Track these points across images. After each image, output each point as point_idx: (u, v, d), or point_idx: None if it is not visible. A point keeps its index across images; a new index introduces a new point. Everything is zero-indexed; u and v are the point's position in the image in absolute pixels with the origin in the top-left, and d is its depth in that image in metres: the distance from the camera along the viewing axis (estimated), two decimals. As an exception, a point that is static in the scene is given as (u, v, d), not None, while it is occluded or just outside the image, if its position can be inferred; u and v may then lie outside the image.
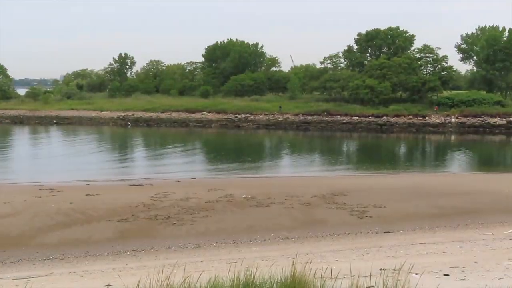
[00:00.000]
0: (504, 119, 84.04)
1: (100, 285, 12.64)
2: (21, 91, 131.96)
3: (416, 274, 10.51)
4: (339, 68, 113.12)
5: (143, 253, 20.31)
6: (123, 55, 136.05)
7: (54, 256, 19.99)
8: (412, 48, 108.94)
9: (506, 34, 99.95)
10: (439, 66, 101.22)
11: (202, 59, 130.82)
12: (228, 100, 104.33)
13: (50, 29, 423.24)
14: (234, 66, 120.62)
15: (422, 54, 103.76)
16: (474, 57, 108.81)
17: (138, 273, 13.17)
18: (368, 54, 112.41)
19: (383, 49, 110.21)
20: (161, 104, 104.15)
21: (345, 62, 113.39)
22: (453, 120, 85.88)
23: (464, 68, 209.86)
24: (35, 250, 20.69)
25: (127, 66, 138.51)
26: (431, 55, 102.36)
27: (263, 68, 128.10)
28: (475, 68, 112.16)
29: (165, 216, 25.28)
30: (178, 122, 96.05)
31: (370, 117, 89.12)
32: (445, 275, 12.15)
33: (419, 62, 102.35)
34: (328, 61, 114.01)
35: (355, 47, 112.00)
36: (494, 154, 64.52)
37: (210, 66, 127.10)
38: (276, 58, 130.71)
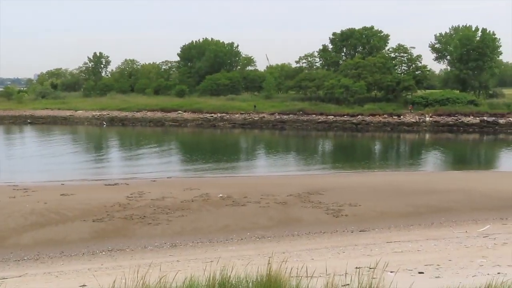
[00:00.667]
0: (477, 118, 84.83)
1: (75, 285, 12.58)
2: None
3: (391, 272, 10.58)
4: (315, 67, 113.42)
5: (118, 253, 20.23)
6: (98, 54, 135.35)
7: (29, 256, 19.84)
8: (386, 48, 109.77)
9: (479, 34, 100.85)
10: (414, 65, 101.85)
11: (178, 58, 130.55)
12: (203, 100, 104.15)
13: (24, 28, 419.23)
14: (209, 66, 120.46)
15: (396, 54, 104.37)
16: (448, 57, 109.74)
17: (113, 273, 13.12)
18: (343, 54, 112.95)
19: (358, 48, 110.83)
20: (136, 104, 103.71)
21: (321, 62, 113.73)
22: (427, 119, 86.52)
23: (438, 67, 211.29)
24: (9, 250, 20.52)
25: (102, 65, 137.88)
26: (406, 55, 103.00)
27: (239, 67, 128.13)
28: (448, 67, 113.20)
29: (140, 216, 25.19)
30: (154, 122, 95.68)
31: (345, 116, 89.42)
32: (419, 272, 12.26)
33: (393, 62, 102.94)
34: (304, 61, 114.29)
35: (330, 46, 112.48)
36: (468, 153, 65.10)
37: (185, 65, 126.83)
38: (252, 58, 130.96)
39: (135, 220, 24.61)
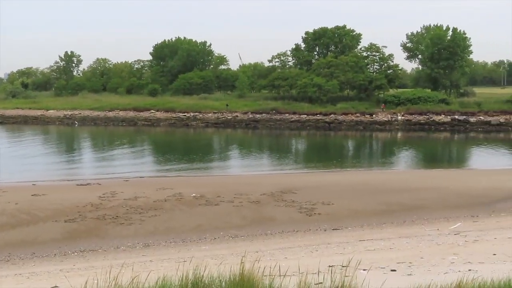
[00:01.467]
0: (448, 117, 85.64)
1: (47, 286, 12.46)
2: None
3: (363, 270, 10.63)
4: (287, 66, 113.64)
5: (91, 253, 20.10)
6: (69, 53, 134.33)
7: (-1, 258, 19.62)
8: (359, 47, 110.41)
9: (450, 33, 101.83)
10: (386, 64, 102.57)
11: (150, 57, 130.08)
12: (176, 99, 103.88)
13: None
14: (182, 65, 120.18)
15: (368, 53, 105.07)
16: (419, 56, 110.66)
17: (85, 274, 13.02)
18: (315, 53, 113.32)
19: (331, 47, 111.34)
20: (108, 103, 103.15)
21: (293, 61, 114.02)
22: (399, 117, 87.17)
23: (409, 66, 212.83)
24: (-21, 252, 20.26)
25: (74, 65, 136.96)
26: (378, 54, 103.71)
27: (212, 66, 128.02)
28: (420, 66, 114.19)
29: (113, 216, 25.04)
30: (126, 121, 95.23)
31: (318, 115, 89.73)
32: (392, 270, 12.34)
33: (366, 61, 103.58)
34: (276, 60, 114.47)
35: (303, 45, 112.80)
36: (439, 151, 65.70)
37: (158, 64, 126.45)
38: (225, 57, 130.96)
39: (107, 220, 24.44)
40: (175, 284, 7.63)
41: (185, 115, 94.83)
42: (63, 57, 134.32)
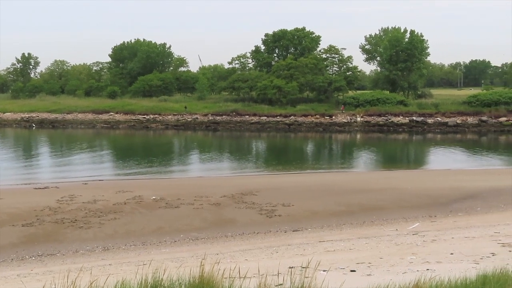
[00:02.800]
0: (406, 118, 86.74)
1: (4, 292, 12.27)
2: None
3: (323, 271, 10.69)
4: (247, 68, 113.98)
5: (49, 257, 19.83)
6: (26, 55, 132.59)
7: (-46, 263, 19.23)
8: (318, 49, 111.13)
9: (408, 35, 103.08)
10: (345, 66, 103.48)
11: (109, 59, 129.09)
12: (136, 101, 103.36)
13: None
14: (141, 66, 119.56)
15: (328, 55, 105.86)
16: (378, 58, 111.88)
17: (43, 279, 12.86)
18: (275, 55, 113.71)
19: (290, 49, 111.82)
20: (67, 105, 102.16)
21: (253, 63, 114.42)
22: (358, 119, 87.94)
23: (368, 68, 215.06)
24: None
25: (31, 66, 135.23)
26: (337, 56, 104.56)
27: (171, 68, 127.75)
28: (378, 68, 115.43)
29: (72, 220, 24.74)
30: (85, 124, 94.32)
31: (278, 117, 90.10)
32: (351, 271, 12.42)
33: (325, 63, 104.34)
34: (236, 62, 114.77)
35: (262, 47, 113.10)
36: (398, 152, 66.39)
37: (117, 66, 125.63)
38: (184, 58, 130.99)
39: (66, 224, 24.15)
40: (134, 288, 7.58)
41: (144, 117, 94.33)
42: (20, 59, 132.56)
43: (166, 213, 26.53)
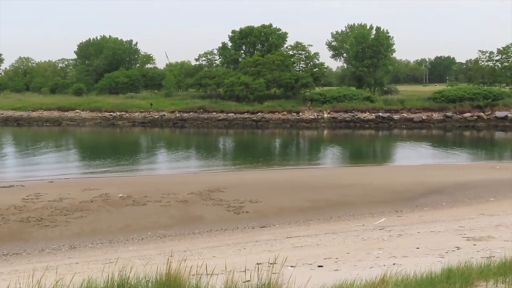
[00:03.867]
0: (373, 114, 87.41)
1: (-33, 292, 12.09)
2: None
3: (291, 266, 10.73)
4: (214, 65, 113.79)
5: (14, 257, 19.59)
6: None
7: None
8: (285, 46, 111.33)
9: (374, 32, 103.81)
10: (311, 63, 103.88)
11: (75, 56, 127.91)
12: (102, 98, 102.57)
13: None
14: (107, 63, 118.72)
15: (294, 51, 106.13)
16: (344, 54, 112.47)
17: (8, 278, 12.69)
18: (242, 51, 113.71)
19: (257, 46, 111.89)
20: (32, 103, 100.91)
21: (220, 59, 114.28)
22: (325, 115, 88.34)
23: (335, 65, 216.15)
24: None
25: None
26: (304, 52, 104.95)
27: (138, 65, 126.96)
28: (345, 65, 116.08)
29: (37, 218, 24.47)
30: (51, 121, 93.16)
31: (245, 114, 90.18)
32: (319, 266, 12.48)
33: (292, 59, 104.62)
34: (203, 58, 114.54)
35: (229, 44, 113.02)
36: (364, 148, 66.83)
37: (83, 63, 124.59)
38: (151, 55, 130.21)
39: (31, 222, 23.87)
40: (100, 286, 7.51)
41: (111, 115, 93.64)
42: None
43: (133, 210, 26.40)
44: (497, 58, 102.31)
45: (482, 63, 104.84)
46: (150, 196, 29.15)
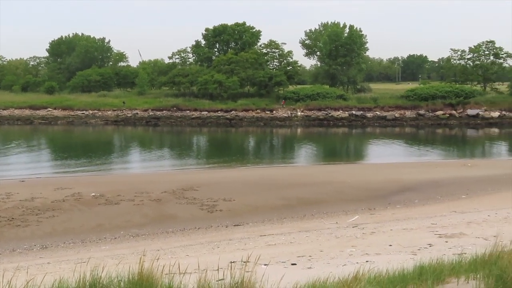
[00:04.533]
0: (346, 112, 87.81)
1: None
2: None
3: (264, 264, 10.71)
4: (188, 63, 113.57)
5: (-16, 257, 19.34)
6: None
7: None
8: (258, 44, 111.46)
9: (347, 30, 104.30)
10: (285, 61, 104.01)
11: (47, 54, 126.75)
12: (74, 96, 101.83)
13: None
14: (80, 61, 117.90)
15: (268, 50, 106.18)
16: (318, 53, 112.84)
17: (-22, 279, 12.52)
18: (216, 49, 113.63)
19: (231, 44, 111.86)
20: (2, 101, 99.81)
21: (194, 57, 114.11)
22: (299, 113, 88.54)
23: (308, 63, 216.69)
24: None
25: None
26: (277, 51, 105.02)
27: (111, 63, 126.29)
28: (318, 63, 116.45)
29: (8, 218, 24.18)
30: (22, 120, 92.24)
31: (219, 112, 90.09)
32: (292, 264, 12.48)
33: (265, 58, 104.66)
34: (177, 56, 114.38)
35: (203, 42, 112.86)
36: (337, 146, 67.11)
37: (55, 61, 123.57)
38: (124, 53, 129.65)
39: (2, 222, 23.58)
40: (72, 286, 7.43)
41: (83, 113, 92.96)
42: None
43: (106, 209, 26.21)
44: (469, 56, 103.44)
45: (454, 61, 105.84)
46: (123, 195, 28.96)
